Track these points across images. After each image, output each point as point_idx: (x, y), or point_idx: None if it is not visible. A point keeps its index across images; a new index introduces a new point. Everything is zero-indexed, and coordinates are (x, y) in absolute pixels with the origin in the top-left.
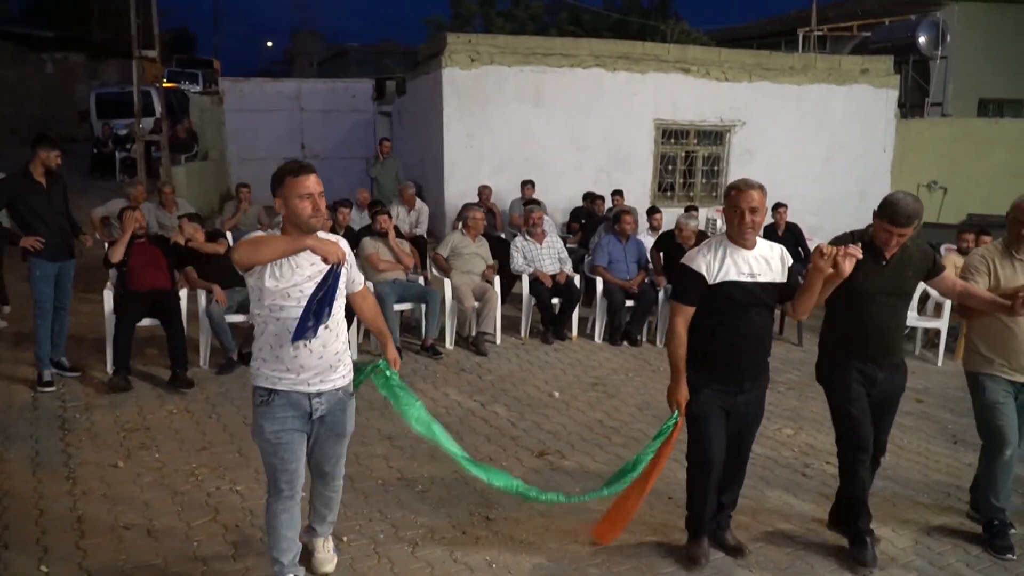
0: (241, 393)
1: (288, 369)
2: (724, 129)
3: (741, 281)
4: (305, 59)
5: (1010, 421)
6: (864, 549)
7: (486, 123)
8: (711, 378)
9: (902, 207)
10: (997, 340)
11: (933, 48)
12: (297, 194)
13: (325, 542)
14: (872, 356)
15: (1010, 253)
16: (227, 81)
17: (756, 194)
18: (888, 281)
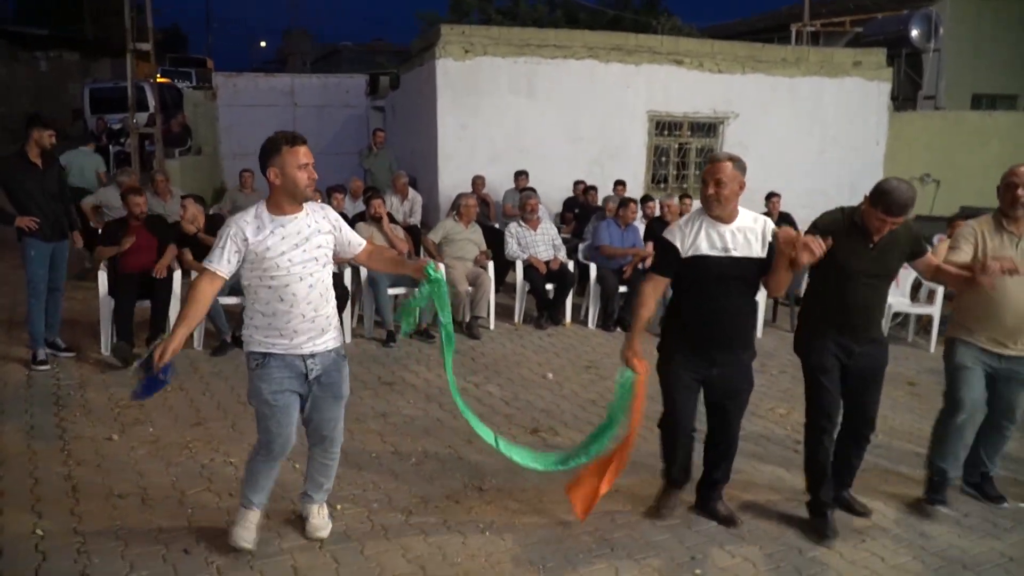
0: (235, 373)
1: (281, 335)
2: (717, 121)
3: (713, 256)
4: (298, 59)
5: (971, 388)
6: (825, 523)
7: (480, 114)
8: (684, 348)
9: (897, 196)
10: (979, 311)
11: (925, 41)
12: (296, 164)
13: (320, 508)
14: (851, 332)
15: (1001, 225)
16: (221, 76)
17: (721, 165)
18: (874, 262)
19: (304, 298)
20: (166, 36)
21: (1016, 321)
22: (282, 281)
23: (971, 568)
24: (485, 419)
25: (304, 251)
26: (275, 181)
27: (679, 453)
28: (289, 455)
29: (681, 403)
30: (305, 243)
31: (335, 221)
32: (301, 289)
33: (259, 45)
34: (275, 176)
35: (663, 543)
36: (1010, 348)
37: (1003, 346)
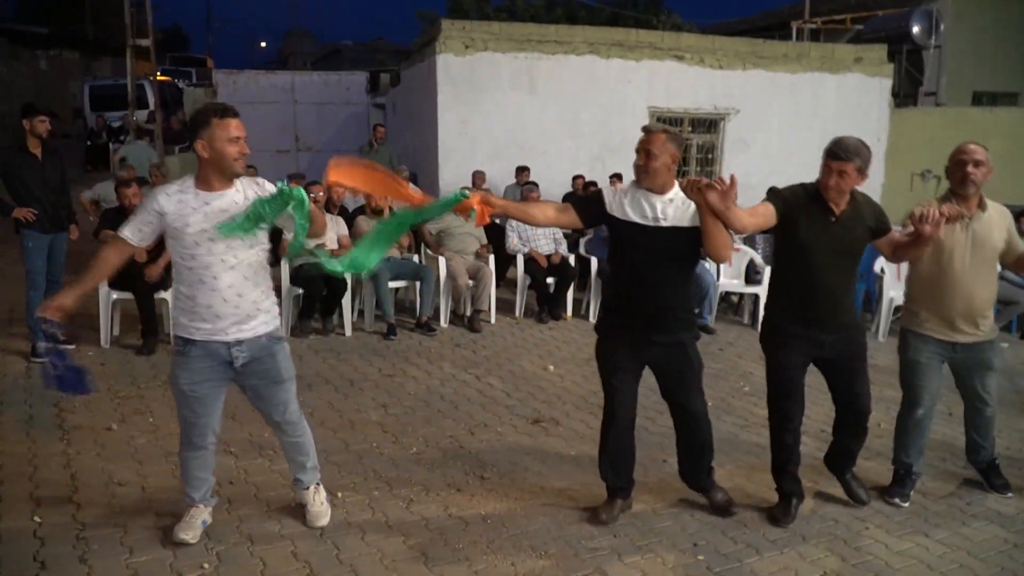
0: None
1: (203, 319)
2: (718, 117)
3: (641, 223)
4: (298, 59)
5: (928, 382)
6: (786, 510)
7: (480, 110)
8: (618, 326)
9: (841, 140)
10: (930, 294)
11: (926, 37)
12: (227, 136)
13: (316, 492)
14: (818, 319)
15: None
16: (221, 74)
17: (653, 136)
18: (837, 238)
19: (225, 281)
20: (166, 36)
21: (965, 304)
22: (203, 261)
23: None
24: (486, 410)
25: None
26: (203, 154)
27: (614, 449)
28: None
29: (620, 389)
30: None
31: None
32: (223, 271)
33: (259, 45)
34: (203, 148)
35: (665, 530)
36: (962, 334)
37: (955, 331)
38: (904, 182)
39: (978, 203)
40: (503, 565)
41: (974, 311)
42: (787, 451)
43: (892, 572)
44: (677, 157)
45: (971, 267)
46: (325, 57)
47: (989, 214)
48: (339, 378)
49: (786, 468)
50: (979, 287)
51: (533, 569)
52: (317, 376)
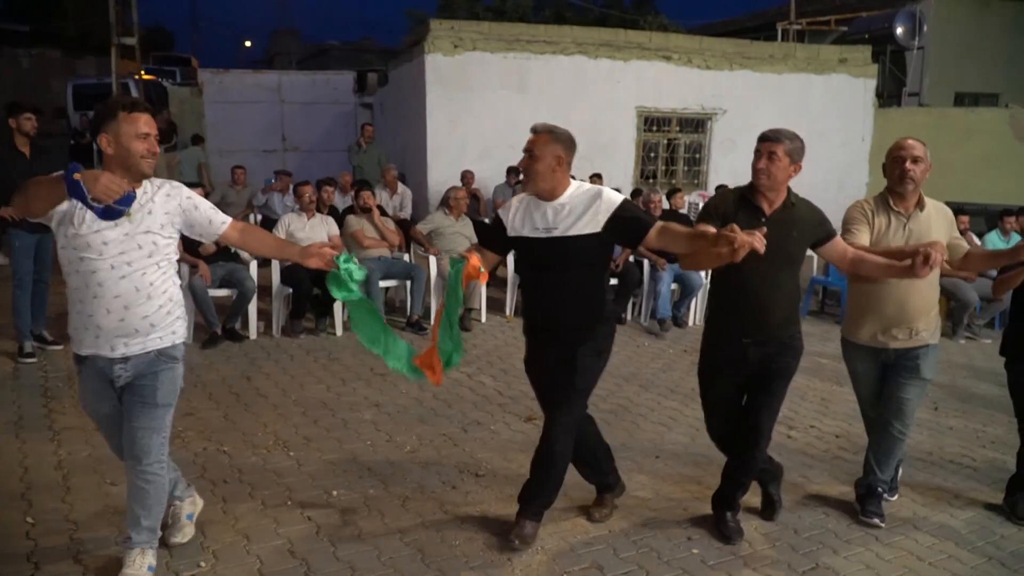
0: (226, 364)
1: (87, 329)
2: (705, 117)
3: (534, 237)
4: (285, 58)
5: (866, 392)
6: (725, 525)
7: (469, 109)
8: (529, 334)
9: (774, 127)
10: (864, 299)
11: (910, 38)
12: (135, 132)
13: (141, 556)
14: (747, 330)
15: (887, 205)
16: (207, 73)
17: (534, 138)
18: (768, 242)
19: (112, 290)
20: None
21: (898, 310)
22: (90, 266)
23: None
24: (479, 408)
25: (126, 234)
26: (107, 149)
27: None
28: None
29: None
30: (129, 224)
31: (186, 200)
32: (109, 279)
33: (245, 44)
34: (107, 144)
35: (659, 523)
36: (895, 340)
37: (889, 338)
38: None
39: (916, 202)
40: (499, 561)
41: (908, 316)
42: (727, 454)
43: (882, 563)
44: (564, 159)
45: None
46: (312, 57)
47: (927, 212)
48: (331, 377)
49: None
50: (915, 291)
51: (530, 564)
52: (309, 375)
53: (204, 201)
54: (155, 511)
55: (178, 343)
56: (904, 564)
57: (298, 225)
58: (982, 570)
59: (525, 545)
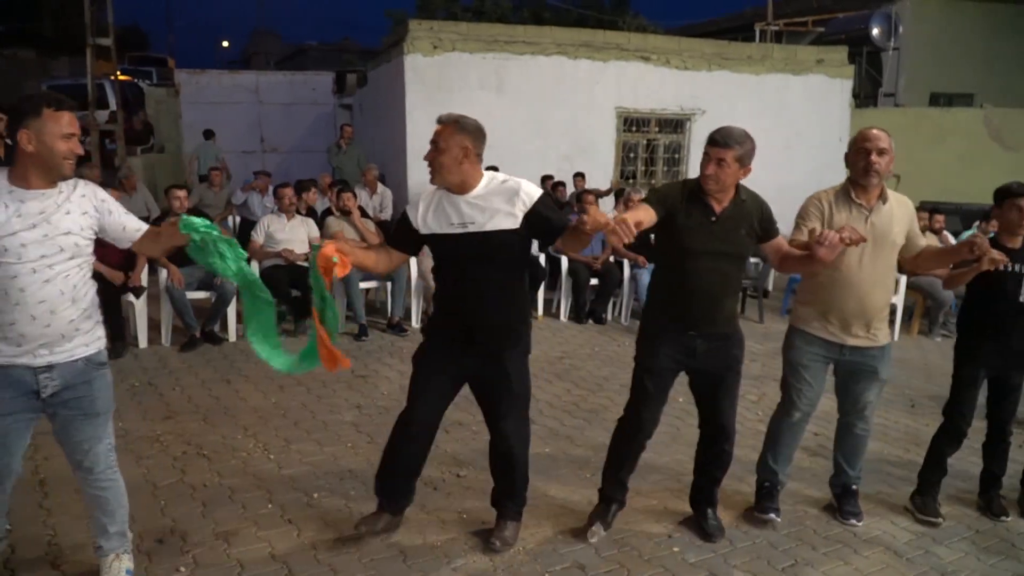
0: (205, 367)
1: (6, 338)
2: (684, 117)
3: (449, 233)
4: (262, 58)
5: (807, 387)
6: (605, 510)
7: (449, 110)
8: (438, 337)
9: (723, 128)
10: (823, 291)
11: (886, 39)
12: (59, 132)
13: (116, 561)
14: (695, 323)
15: (849, 197)
16: (183, 73)
17: (439, 129)
18: (717, 239)
19: (36, 295)
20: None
21: (859, 305)
22: (9, 271)
23: None
24: (460, 409)
25: (45, 235)
26: (26, 147)
27: (395, 452)
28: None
29: (420, 395)
30: (47, 225)
31: (101, 203)
32: (33, 283)
33: (222, 45)
34: (27, 141)
35: (640, 522)
36: (854, 337)
37: (847, 334)
38: None
39: (879, 194)
40: (482, 561)
41: (868, 312)
42: (627, 457)
43: (858, 559)
44: (472, 150)
45: (869, 264)
46: (290, 57)
47: (890, 206)
48: (311, 379)
49: (618, 476)
50: (877, 286)
51: (512, 564)
52: (289, 377)
53: (118, 206)
54: (119, 515)
55: (102, 348)
56: (882, 560)
57: (278, 227)
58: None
59: (507, 547)
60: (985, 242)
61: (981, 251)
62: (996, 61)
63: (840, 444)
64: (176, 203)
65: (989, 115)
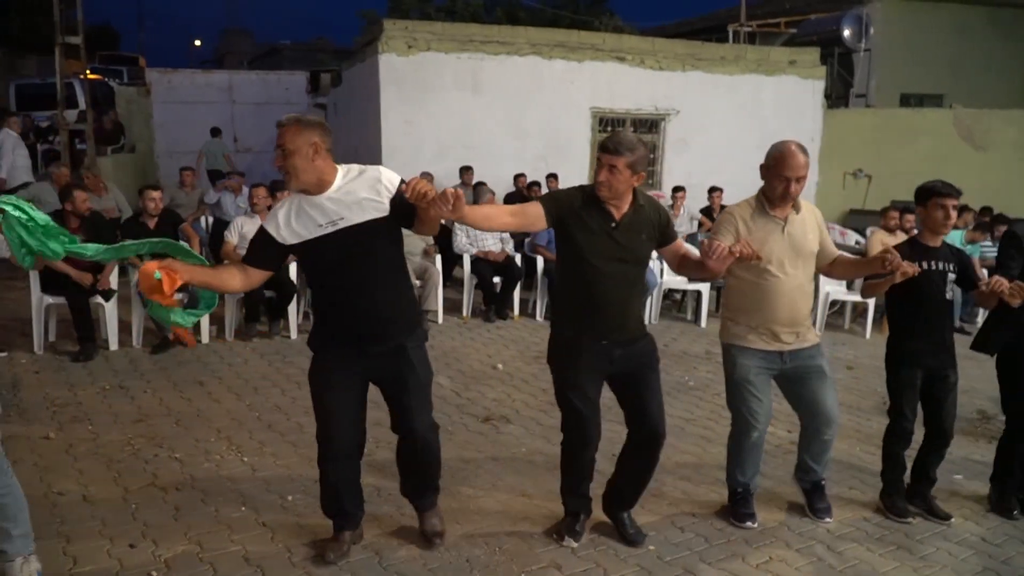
0: (177, 369)
1: None
2: (659, 117)
3: (320, 236)
4: (235, 58)
5: (759, 404)
6: (573, 523)
7: (424, 110)
8: (332, 350)
9: (615, 135)
10: (751, 305)
11: (857, 41)
12: None
13: (24, 564)
14: (605, 332)
15: (764, 209)
16: (155, 72)
17: (281, 131)
18: (619, 246)
19: None
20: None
21: (789, 314)
22: None
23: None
24: (437, 409)
25: None
26: None
27: (334, 480)
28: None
29: (332, 409)
30: None
31: None
32: None
33: (194, 44)
34: None
35: (615, 528)
36: (789, 342)
37: (782, 341)
38: (837, 181)
39: (792, 204)
40: (459, 562)
41: (798, 318)
42: (582, 472)
43: (833, 556)
44: (321, 145)
45: (793, 273)
46: (263, 56)
47: (802, 215)
48: (285, 380)
49: (578, 491)
50: (802, 293)
51: (488, 564)
52: (263, 379)
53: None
54: (20, 518)
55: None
56: (856, 556)
57: (251, 227)
58: None
59: (442, 538)
60: (896, 257)
61: (894, 266)
62: (964, 62)
63: (807, 447)
64: (151, 204)
65: (959, 115)
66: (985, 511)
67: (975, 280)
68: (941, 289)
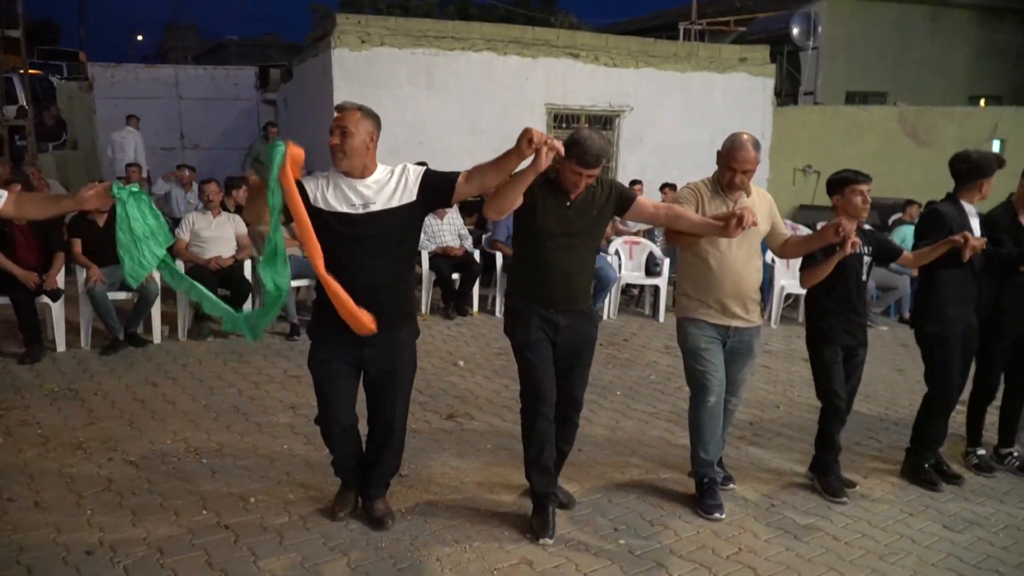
0: (129, 371)
1: None
2: (613, 114)
3: (352, 213)
4: (180, 53)
5: (713, 368)
6: (544, 517)
7: (378, 106)
8: (331, 331)
9: (590, 146)
10: (701, 280)
11: (805, 39)
12: None
13: None
14: (554, 302)
15: (718, 191)
16: (97, 67)
17: (350, 114)
18: (572, 222)
19: None
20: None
21: (735, 287)
22: None
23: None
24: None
25: None
26: None
27: (341, 452)
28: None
29: (332, 396)
30: None
31: None
32: None
33: (136, 39)
34: None
35: (585, 517)
36: (737, 318)
37: (729, 316)
38: (787, 177)
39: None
40: (428, 561)
41: (744, 293)
42: (542, 438)
43: (800, 544)
44: (375, 137)
45: (737, 250)
46: (209, 52)
47: (752, 199)
48: (242, 380)
49: (540, 461)
50: (748, 271)
51: (459, 563)
52: (219, 379)
53: None
54: None
55: None
56: (823, 545)
57: (203, 224)
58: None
59: (393, 519)
60: (849, 226)
61: (847, 232)
62: (907, 61)
63: None
64: None
65: (903, 113)
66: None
67: (897, 249)
68: (858, 271)
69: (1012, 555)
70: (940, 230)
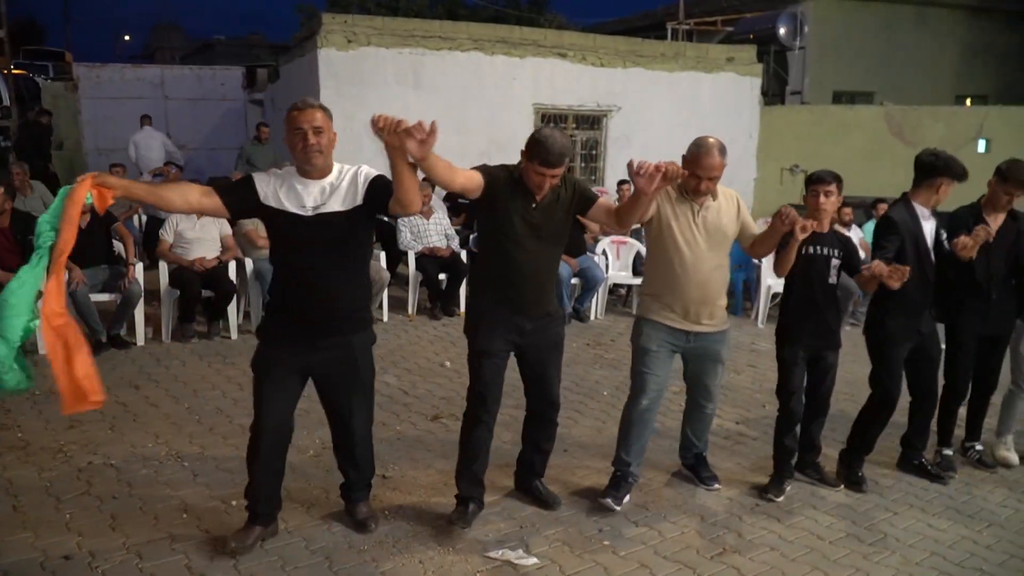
0: (111, 373)
1: None
2: (601, 114)
3: (300, 215)
4: (166, 53)
5: (654, 373)
6: (463, 509)
7: (365, 106)
8: (281, 334)
9: (551, 145)
10: (666, 283)
11: (792, 39)
12: None
13: None
14: (521, 306)
15: (683, 193)
16: (83, 67)
17: (312, 112)
18: (537, 224)
19: None
20: (21, 28)
21: (700, 292)
22: None
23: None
24: (383, 408)
25: None
26: None
27: (263, 469)
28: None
29: (269, 400)
30: None
31: None
32: None
33: (123, 39)
34: None
35: (568, 518)
36: (699, 324)
37: (691, 322)
38: (775, 176)
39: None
40: (411, 563)
41: (709, 299)
42: (477, 448)
43: (784, 546)
44: (335, 137)
45: (705, 255)
46: (196, 52)
47: (719, 202)
48: (226, 382)
49: (471, 469)
50: (714, 273)
51: (442, 565)
52: (203, 381)
53: None
54: None
55: None
56: (807, 545)
57: (187, 225)
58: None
59: (376, 522)
60: (792, 211)
61: (791, 219)
62: (893, 60)
63: (690, 421)
64: None
65: (890, 112)
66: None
67: (858, 266)
68: (825, 274)
69: (995, 553)
70: (893, 239)
